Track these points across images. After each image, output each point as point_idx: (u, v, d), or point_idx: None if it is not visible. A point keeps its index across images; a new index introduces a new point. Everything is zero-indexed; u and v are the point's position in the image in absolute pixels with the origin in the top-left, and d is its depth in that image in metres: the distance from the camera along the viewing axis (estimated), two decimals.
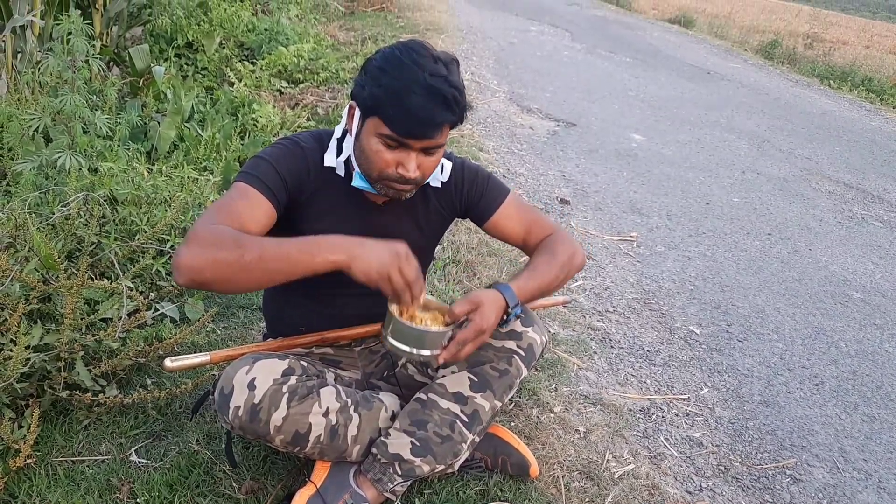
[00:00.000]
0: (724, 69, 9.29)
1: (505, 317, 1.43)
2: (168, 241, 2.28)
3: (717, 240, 3.51)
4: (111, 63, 4.30)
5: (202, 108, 3.99)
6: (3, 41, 3.49)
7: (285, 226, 1.42)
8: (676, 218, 3.71)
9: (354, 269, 1.21)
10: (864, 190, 4.81)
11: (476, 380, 1.49)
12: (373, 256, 1.21)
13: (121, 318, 1.80)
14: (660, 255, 3.22)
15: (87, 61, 2.56)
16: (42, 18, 3.67)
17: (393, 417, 1.51)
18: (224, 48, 5.35)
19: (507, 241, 1.63)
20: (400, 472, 1.47)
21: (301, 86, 5.06)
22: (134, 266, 2.16)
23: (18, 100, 3.05)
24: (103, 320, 1.94)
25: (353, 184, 1.44)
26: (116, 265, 1.96)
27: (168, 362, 1.38)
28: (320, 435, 1.40)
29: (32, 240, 1.90)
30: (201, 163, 3.27)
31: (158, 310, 2.05)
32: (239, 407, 1.33)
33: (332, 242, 1.22)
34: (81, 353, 1.71)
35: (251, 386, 1.34)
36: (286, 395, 1.35)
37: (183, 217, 2.36)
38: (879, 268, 3.50)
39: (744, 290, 2.99)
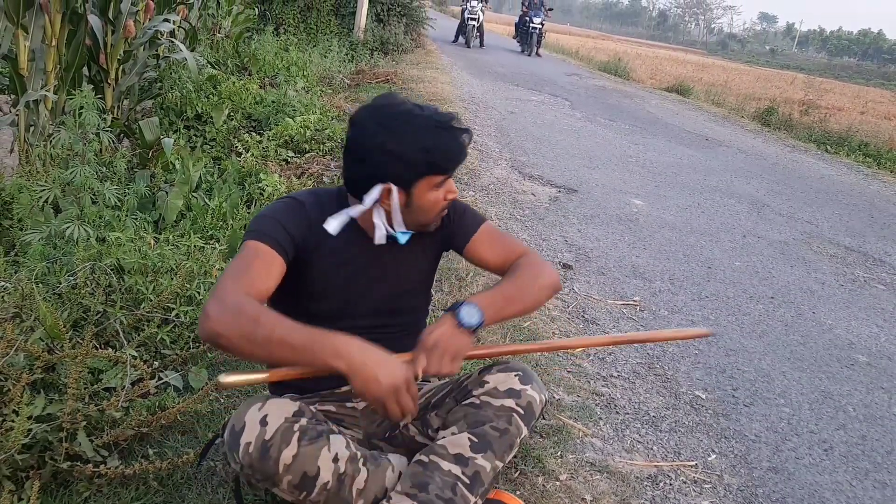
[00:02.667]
0: (722, 135, 9.45)
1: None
2: (173, 309, 2.30)
3: (721, 304, 3.51)
4: (122, 135, 4.41)
5: (210, 177, 4.07)
6: (17, 115, 3.59)
7: (295, 271, 1.50)
8: (679, 282, 3.72)
9: (352, 382, 1.27)
10: (866, 253, 4.83)
11: (476, 440, 1.48)
12: (372, 380, 1.26)
13: (124, 387, 1.80)
14: (663, 319, 3.22)
15: (97, 134, 2.63)
16: (55, 93, 3.78)
17: (400, 478, 1.50)
18: (232, 120, 5.48)
19: (485, 267, 1.71)
20: None
21: (307, 155, 5.16)
22: (139, 335, 2.17)
23: (30, 172, 3.12)
24: (106, 389, 1.94)
25: (401, 243, 1.54)
26: (121, 334, 1.97)
27: (222, 378, 1.32)
28: (328, 482, 1.38)
29: (38, 309, 1.92)
30: (208, 231, 3.32)
31: (162, 378, 2.06)
32: (250, 443, 1.32)
33: (337, 347, 1.27)
34: (84, 423, 1.70)
35: (263, 422, 1.34)
36: (297, 434, 1.35)
37: (189, 285, 2.39)
38: (884, 331, 3.49)
39: (748, 354, 2.98)
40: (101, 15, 4.28)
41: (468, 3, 17.05)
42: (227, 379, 1.32)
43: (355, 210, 1.50)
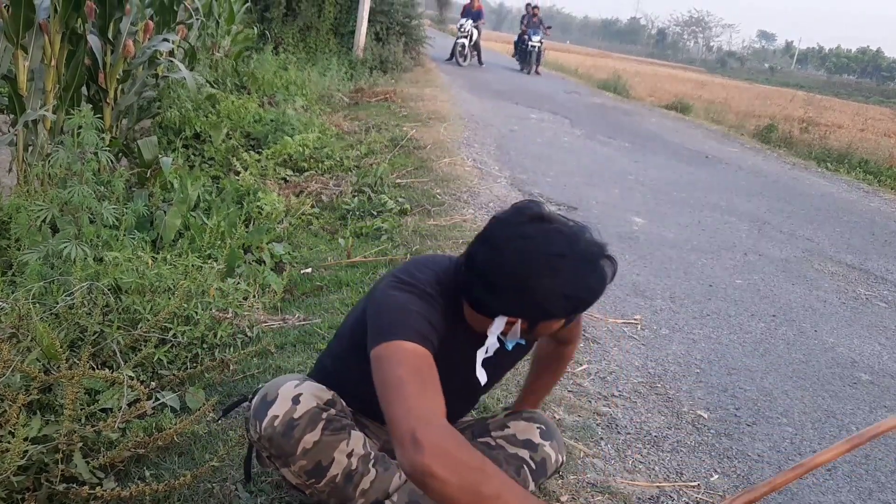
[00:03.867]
0: (722, 153, 9.46)
1: None
2: (171, 329, 2.28)
3: (722, 322, 3.50)
4: (120, 154, 4.41)
5: (208, 196, 4.07)
6: (16, 135, 3.59)
7: None
8: (680, 300, 3.71)
9: None
10: (867, 270, 4.82)
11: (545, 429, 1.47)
12: None
13: (121, 408, 1.78)
14: (665, 337, 3.20)
15: (95, 154, 2.62)
16: (54, 113, 3.79)
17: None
18: (231, 138, 5.49)
19: None
20: None
21: (306, 174, 5.17)
22: (136, 355, 2.15)
23: (28, 191, 3.11)
24: (103, 410, 1.93)
25: (508, 348, 1.43)
26: (118, 354, 1.95)
27: None
28: (337, 476, 1.37)
29: (35, 330, 1.90)
30: (206, 251, 3.31)
31: (159, 399, 2.04)
32: (277, 416, 1.30)
33: None
34: (80, 444, 1.68)
35: (295, 400, 1.32)
36: (323, 422, 1.33)
37: (186, 305, 2.37)
38: (886, 349, 3.47)
39: (751, 373, 2.96)
40: (101, 35, 4.30)
41: (459, 22, 17.13)
42: None
43: (492, 338, 1.37)
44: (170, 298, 2.37)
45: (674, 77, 30.14)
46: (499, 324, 1.32)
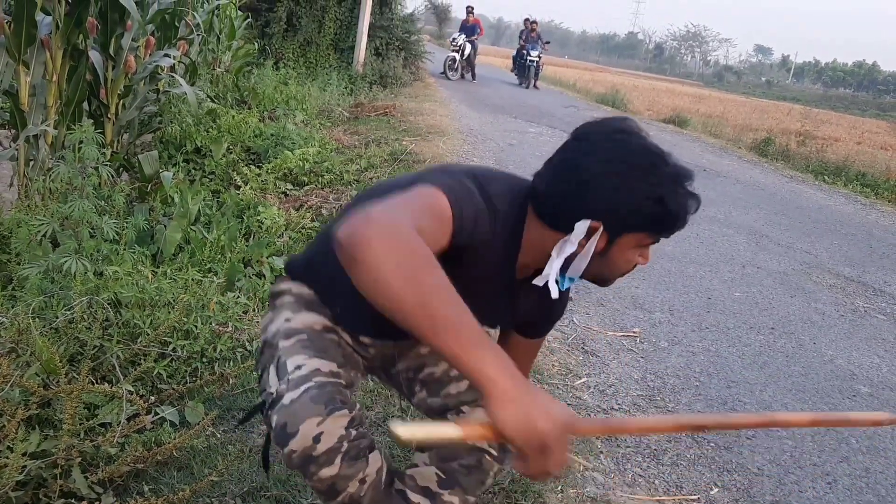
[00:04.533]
0: (720, 166, 9.50)
1: None
2: (170, 343, 2.28)
3: (721, 335, 3.50)
4: (121, 169, 4.43)
5: (209, 210, 4.08)
6: (17, 150, 3.61)
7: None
8: (679, 313, 3.71)
9: (493, 403, 0.91)
10: (865, 283, 4.83)
11: (444, 476, 1.41)
12: (543, 415, 0.91)
13: (120, 423, 1.78)
14: (663, 350, 3.21)
15: (96, 168, 2.64)
16: (55, 128, 3.81)
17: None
18: (231, 153, 5.51)
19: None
20: None
21: (306, 188, 5.18)
22: (135, 369, 2.16)
23: (28, 206, 3.12)
24: (102, 425, 1.93)
25: (563, 286, 1.34)
26: (118, 369, 1.96)
27: (399, 429, 0.91)
28: (347, 497, 1.31)
29: (35, 344, 1.91)
30: (206, 265, 3.32)
31: (158, 413, 2.04)
32: (295, 451, 1.22)
33: (498, 363, 0.92)
34: (79, 459, 1.68)
35: (316, 440, 1.22)
36: (341, 454, 1.24)
37: (186, 319, 2.38)
38: (885, 361, 3.47)
39: (750, 386, 2.96)
40: (102, 51, 4.33)
41: (452, 37, 17.30)
42: (405, 433, 0.91)
43: (558, 261, 1.27)
44: (170, 312, 2.37)
45: (671, 91, 30.27)
46: (580, 229, 1.22)
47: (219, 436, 2.04)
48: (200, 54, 6.85)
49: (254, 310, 3.02)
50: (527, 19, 18.80)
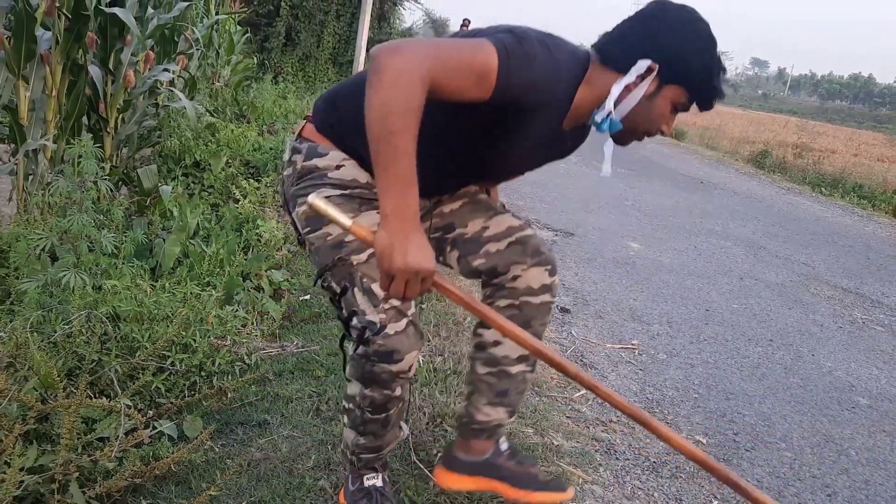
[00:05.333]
0: (717, 178, 9.53)
1: None
2: (169, 357, 2.28)
3: (719, 346, 3.50)
4: (120, 183, 4.43)
5: (207, 224, 4.08)
6: (16, 164, 3.62)
7: (484, 108, 1.36)
8: (677, 325, 3.71)
9: (381, 238, 1.22)
10: (863, 294, 4.84)
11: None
12: (399, 251, 1.21)
13: (118, 437, 1.78)
14: (662, 363, 3.21)
15: (95, 183, 2.64)
16: (55, 142, 3.82)
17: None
18: (230, 167, 5.52)
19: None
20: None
21: None
22: (134, 383, 2.15)
23: (27, 220, 3.13)
24: (100, 439, 1.92)
25: (603, 127, 1.48)
26: (115, 383, 1.96)
27: (315, 199, 1.29)
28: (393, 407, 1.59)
29: (33, 359, 1.91)
30: (205, 278, 3.32)
31: (156, 428, 2.03)
32: (393, 371, 1.47)
33: (400, 204, 1.21)
34: (76, 474, 1.68)
35: (411, 367, 1.50)
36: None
37: (184, 333, 2.38)
38: (884, 373, 3.47)
39: (749, 398, 2.96)
40: (102, 65, 4.35)
41: None
42: (319, 203, 1.29)
43: (616, 90, 1.43)
44: (168, 326, 2.37)
45: None
46: (642, 66, 1.39)
47: (217, 450, 2.04)
48: (200, 69, 6.88)
49: (252, 323, 3.03)
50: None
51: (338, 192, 1.51)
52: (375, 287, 1.46)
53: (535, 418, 2.43)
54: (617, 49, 1.43)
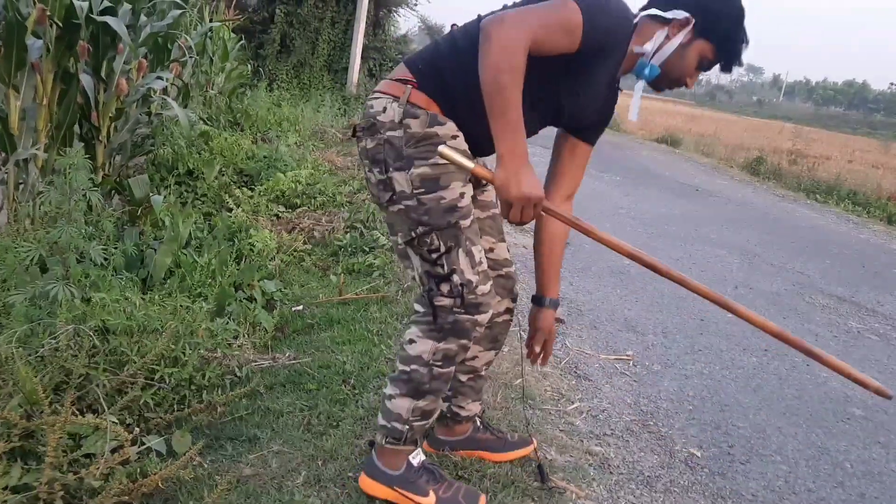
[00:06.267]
0: (712, 186, 9.53)
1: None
2: (158, 371, 2.26)
3: (714, 357, 3.48)
4: (113, 192, 4.41)
5: (200, 234, 4.06)
6: (6, 174, 3.59)
7: (566, 57, 1.62)
8: (672, 335, 3.70)
9: (500, 173, 1.52)
10: (858, 303, 4.83)
11: None
12: (514, 182, 1.50)
13: (104, 455, 1.75)
14: (656, 374, 3.19)
15: (85, 194, 2.62)
16: (45, 151, 3.79)
17: None
18: (223, 175, 5.50)
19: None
20: None
21: (298, 210, 5.17)
22: (122, 398, 2.13)
23: (17, 231, 3.10)
24: (87, 456, 1.89)
25: (645, 72, 1.71)
26: (102, 399, 1.93)
27: (442, 148, 1.60)
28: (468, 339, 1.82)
29: (18, 374, 1.88)
30: (196, 289, 3.29)
31: (145, 443, 2.01)
32: (476, 320, 1.76)
33: (518, 146, 1.51)
34: (61, 493, 1.65)
35: (489, 318, 1.81)
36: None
37: (174, 346, 2.35)
38: (879, 383, 3.44)
39: (743, 410, 2.94)
40: (94, 73, 4.32)
41: None
42: (446, 150, 1.59)
43: (666, 51, 1.69)
44: (157, 339, 2.35)
45: (664, 110, 30.46)
46: (681, 15, 1.65)
47: (206, 466, 2.01)
48: (193, 76, 6.87)
49: (244, 335, 3.00)
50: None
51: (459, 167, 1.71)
52: (475, 250, 1.75)
53: (529, 432, 2.40)
54: (662, 0, 1.69)
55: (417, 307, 1.82)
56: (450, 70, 1.73)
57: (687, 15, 1.65)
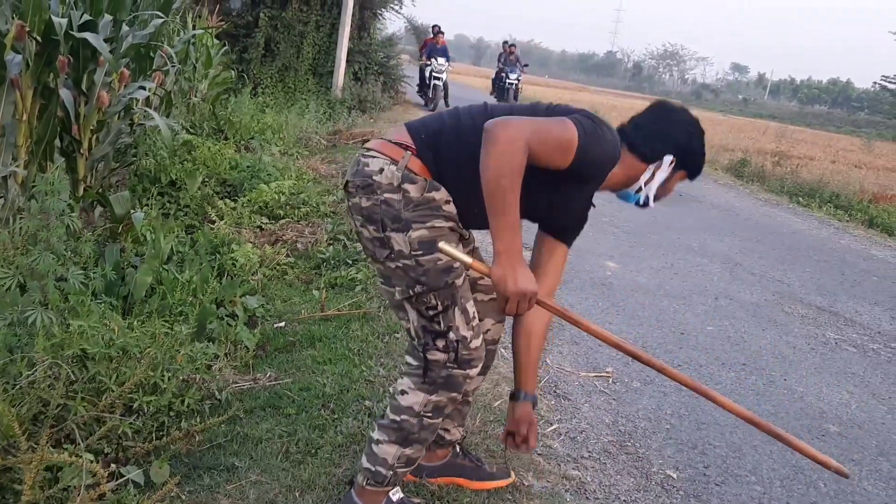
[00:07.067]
0: (696, 190, 9.59)
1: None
2: (136, 400, 2.26)
3: (693, 372, 3.52)
4: (95, 204, 4.39)
5: (181, 248, 4.05)
6: None
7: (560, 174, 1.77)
8: (652, 350, 3.73)
9: (496, 268, 1.64)
10: (837, 313, 4.89)
11: None
12: (511, 278, 1.62)
13: (79, 492, 1.76)
14: (636, 391, 3.22)
15: (62, 219, 2.62)
16: (26, 167, 3.78)
17: None
18: (207, 185, 5.49)
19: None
20: None
21: (281, 221, 5.17)
22: (101, 426, 2.13)
23: None
24: (66, 489, 1.90)
25: (636, 200, 1.98)
26: (77, 433, 1.93)
27: (442, 244, 1.70)
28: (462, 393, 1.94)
29: None
30: (177, 308, 3.29)
31: (123, 475, 2.01)
32: (467, 375, 1.87)
33: (514, 244, 1.63)
34: None
35: (477, 372, 1.92)
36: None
37: (152, 373, 2.36)
38: (854, 397, 3.50)
39: (720, 427, 2.98)
40: (75, 86, 4.30)
41: (434, 60, 15.47)
42: (446, 247, 1.69)
43: (654, 186, 1.94)
44: (136, 366, 2.35)
45: None
46: (667, 160, 1.89)
47: (184, 498, 2.02)
48: (176, 84, 6.84)
49: (225, 355, 3.01)
50: (505, 42, 18.94)
51: (448, 224, 1.82)
52: (469, 306, 1.86)
53: (506, 458, 2.43)
54: (642, 144, 1.89)
55: (409, 360, 1.91)
56: (447, 145, 1.82)
57: (672, 158, 1.90)
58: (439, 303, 1.81)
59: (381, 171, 1.77)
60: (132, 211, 3.86)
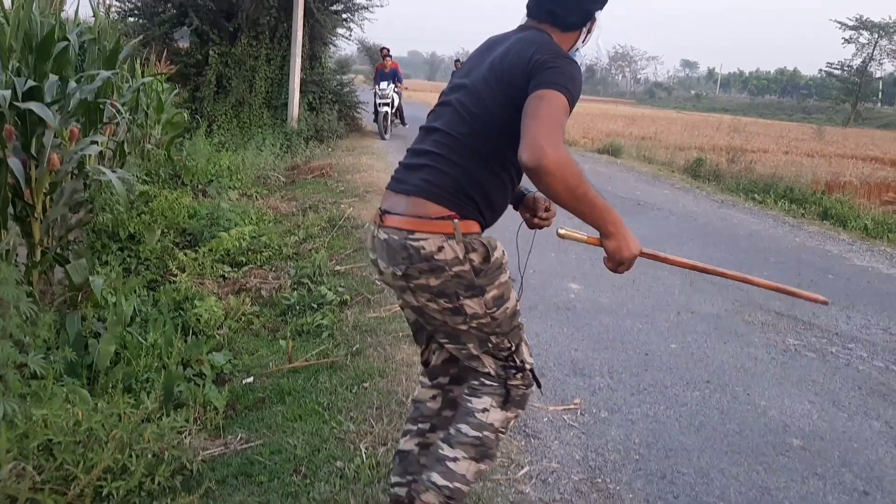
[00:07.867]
0: (654, 197, 9.76)
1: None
2: (105, 487, 2.26)
3: (658, 395, 3.59)
4: (54, 266, 4.35)
5: (144, 308, 4.04)
6: None
7: None
8: (618, 375, 3.80)
9: (612, 243, 1.87)
10: (795, 317, 5.02)
11: None
12: (625, 247, 1.88)
13: None
14: (604, 421, 3.28)
15: (17, 307, 2.61)
16: None
17: None
18: (166, 236, 5.46)
19: None
20: None
21: (244, 268, 5.16)
22: None
23: None
24: None
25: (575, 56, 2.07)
26: None
27: (561, 230, 2.02)
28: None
29: None
30: (143, 374, 3.28)
31: None
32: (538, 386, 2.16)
33: (617, 220, 1.85)
34: None
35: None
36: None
37: (120, 456, 2.35)
38: (815, 406, 3.60)
39: (687, 453, 3.05)
40: (24, 150, 4.27)
41: (377, 86, 14.08)
42: (564, 231, 2.01)
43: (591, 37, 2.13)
44: (103, 450, 2.35)
45: (605, 114, 31.00)
46: (593, 20, 2.07)
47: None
48: (129, 132, 6.80)
49: (194, 420, 3.01)
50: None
51: (508, 272, 2.02)
52: (525, 335, 2.11)
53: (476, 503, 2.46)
54: (572, 19, 2.04)
55: (486, 381, 2.06)
56: (472, 186, 1.96)
57: (588, 23, 2.08)
58: (512, 343, 2.02)
59: (441, 248, 1.87)
60: (90, 278, 3.83)
